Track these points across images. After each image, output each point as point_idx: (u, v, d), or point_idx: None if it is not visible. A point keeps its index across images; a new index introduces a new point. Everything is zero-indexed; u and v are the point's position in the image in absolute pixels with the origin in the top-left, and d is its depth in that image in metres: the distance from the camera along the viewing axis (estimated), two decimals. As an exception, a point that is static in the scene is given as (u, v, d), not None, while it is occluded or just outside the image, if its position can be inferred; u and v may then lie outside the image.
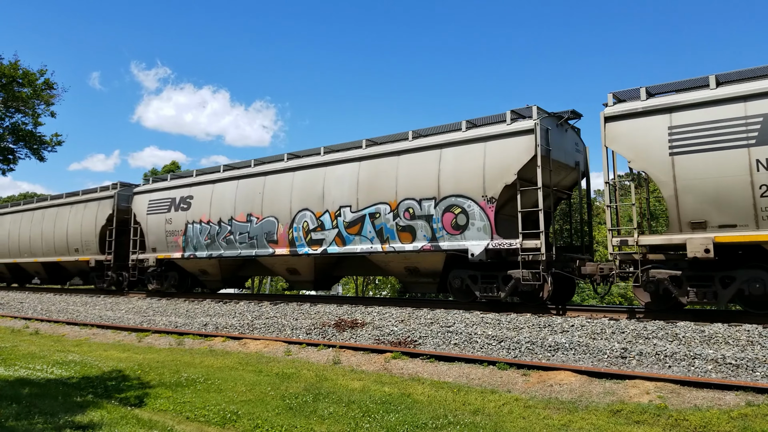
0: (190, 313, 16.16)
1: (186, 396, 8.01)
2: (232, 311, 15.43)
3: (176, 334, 14.08)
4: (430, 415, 6.84)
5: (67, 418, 6.66)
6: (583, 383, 7.93)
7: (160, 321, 15.81)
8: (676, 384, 7.49)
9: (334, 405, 7.37)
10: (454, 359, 9.63)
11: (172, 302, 18.02)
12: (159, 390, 8.39)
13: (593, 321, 10.31)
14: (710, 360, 8.15)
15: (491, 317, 11.41)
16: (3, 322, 18.79)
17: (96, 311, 18.56)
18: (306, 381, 8.85)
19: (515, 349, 9.80)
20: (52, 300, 21.93)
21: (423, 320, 11.94)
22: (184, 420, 6.99)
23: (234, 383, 8.74)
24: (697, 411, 6.52)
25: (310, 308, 14.37)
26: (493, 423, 6.52)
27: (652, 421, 6.36)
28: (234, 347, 12.22)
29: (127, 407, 7.38)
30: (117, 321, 16.76)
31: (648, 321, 10.02)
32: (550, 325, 10.48)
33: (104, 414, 6.92)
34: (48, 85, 9.20)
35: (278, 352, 11.45)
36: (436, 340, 10.81)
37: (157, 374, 9.55)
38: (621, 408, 6.79)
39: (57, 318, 18.36)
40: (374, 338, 11.51)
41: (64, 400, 7.74)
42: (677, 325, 9.56)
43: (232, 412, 7.11)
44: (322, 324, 12.76)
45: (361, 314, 13.05)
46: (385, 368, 9.66)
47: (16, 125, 9.20)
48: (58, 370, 10.06)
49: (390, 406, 7.26)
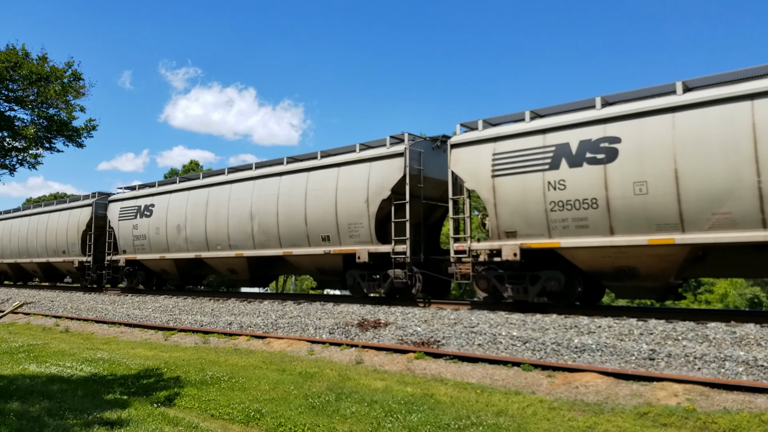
0: (215, 312, 16.36)
1: (211, 394, 8.11)
2: (256, 310, 15.58)
3: (201, 332, 14.27)
4: (452, 415, 6.81)
5: (96, 415, 6.80)
6: (609, 385, 7.81)
7: (186, 320, 16.04)
8: (706, 386, 7.33)
9: (356, 404, 7.39)
10: (477, 360, 9.57)
11: (197, 301, 18.27)
12: (185, 388, 8.51)
13: (621, 322, 10.15)
14: (741, 362, 7.96)
15: (516, 318, 11.32)
16: (35, 320, 19.28)
17: (123, 310, 18.91)
18: (329, 380, 8.88)
19: (540, 350, 9.70)
20: (82, 299, 22.41)
21: (446, 320, 11.89)
22: (209, 418, 7.07)
23: (258, 382, 8.82)
24: (726, 414, 6.38)
25: (333, 308, 14.43)
26: (516, 424, 6.46)
27: (680, 424, 6.24)
28: (258, 346, 12.33)
29: (153, 405, 7.50)
30: (144, 319, 17.05)
31: (677, 322, 9.83)
32: (576, 326, 10.35)
33: (132, 411, 7.04)
34: (76, 76, 9.36)
35: (301, 351, 11.52)
36: (459, 340, 10.76)
37: (183, 372, 9.68)
38: (648, 410, 6.67)
39: (86, 316, 18.76)
40: (397, 338, 11.50)
41: (94, 397, 7.90)
42: (708, 326, 9.36)
43: (256, 410, 7.17)
44: (345, 323, 12.80)
45: (384, 314, 13.06)
46: (408, 368, 9.65)
47: (51, 117, 9.38)
48: (88, 368, 10.28)
49: (412, 406, 7.24)
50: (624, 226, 10.68)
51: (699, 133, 9.90)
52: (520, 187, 11.97)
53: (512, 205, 12.10)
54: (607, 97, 11.49)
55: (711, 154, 9.74)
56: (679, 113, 10.20)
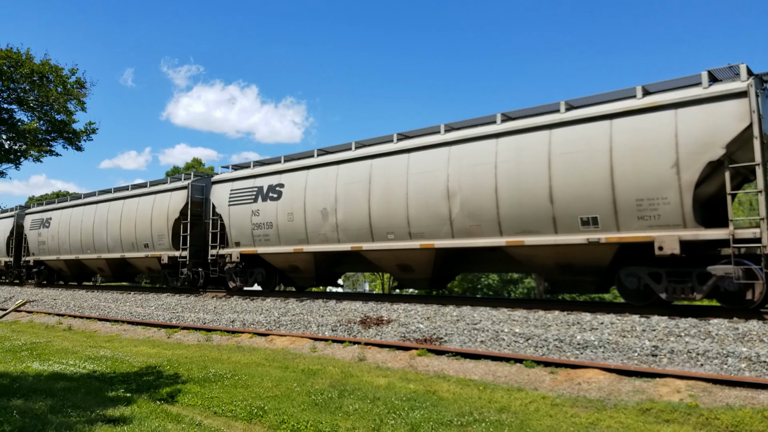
0: (218, 309, 16.38)
1: (214, 391, 8.13)
2: (258, 308, 15.60)
3: (204, 330, 14.29)
4: (455, 412, 6.82)
5: (99, 412, 6.81)
6: (612, 381, 7.81)
7: (189, 317, 16.07)
8: (708, 382, 7.33)
9: (359, 401, 7.39)
10: (480, 357, 9.57)
11: (200, 299, 18.29)
12: (187, 385, 8.53)
13: (623, 318, 10.14)
14: (744, 358, 7.95)
15: (518, 314, 11.31)
16: (38, 319, 19.32)
17: (126, 308, 18.95)
18: (331, 377, 8.90)
19: (543, 347, 9.70)
20: (84, 297, 22.46)
21: (449, 317, 11.89)
22: (212, 415, 7.09)
23: (260, 379, 8.84)
24: (729, 410, 6.37)
25: (335, 305, 14.43)
26: (519, 421, 6.47)
27: (683, 420, 6.24)
28: (261, 343, 12.35)
29: (156, 402, 7.51)
30: (147, 317, 17.09)
31: (680, 318, 9.82)
32: (578, 322, 10.34)
33: (135, 408, 7.06)
34: (80, 84, 9.39)
35: (304, 348, 11.53)
36: (462, 337, 10.76)
37: (186, 370, 9.70)
38: (650, 406, 6.67)
39: (89, 314, 18.79)
40: (400, 335, 11.51)
41: (97, 395, 7.92)
42: (710, 322, 9.34)
43: (259, 407, 7.19)
44: (348, 321, 12.81)
45: (387, 311, 13.06)
46: (411, 365, 9.66)
47: (52, 118, 9.41)
48: (91, 365, 10.30)
49: (415, 403, 7.25)
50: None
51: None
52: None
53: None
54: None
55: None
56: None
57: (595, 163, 10.80)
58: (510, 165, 11.96)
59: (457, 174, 12.77)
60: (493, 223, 12.25)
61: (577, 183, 11.00)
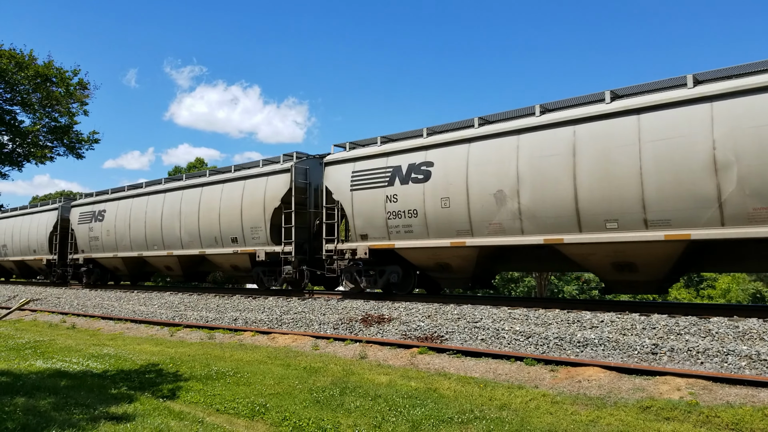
0: (221, 308, 16.44)
1: (216, 389, 8.17)
2: (261, 306, 15.65)
3: (207, 328, 14.35)
4: (456, 409, 6.85)
5: (102, 410, 6.86)
6: (612, 379, 7.83)
7: (192, 316, 16.13)
8: (709, 380, 7.35)
9: (360, 399, 7.43)
10: (480, 355, 9.60)
11: (203, 297, 18.36)
12: (190, 383, 8.58)
13: (623, 316, 10.16)
14: (744, 356, 7.97)
15: (519, 313, 11.34)
16: (42, 317, 19.41)
17: (130, 306, 19.02)
18: (333, 375, 8.94)
19: (543, 345, 9.73)
20: (88, 295, 22.54)
21: (450, 316, 11.93)
22: (214, 412, 7.13)
23: (263, 377, 8.88)
24: (729, 408, 6.39)
25: (337, 303, 14.48)
26: (519, 418, 6.50)
27: (683, 418, 6.26)
28: (263, 341, 12.40)
29: (159, 399, 7.56)
30: (150, 316, 17.15)
31: (680, 317, 9.84)
32: (579, 320, 10.37)
33: (138, 406, 7.10)
34: (82, 85, 9.42)
35: (306, 346, 11.58)
36: (462, 335, 10.80)
37: (189, 367, 9.75)
38: (651, 404, 6.69)
39: (93, 313, 18.88)
40: (401, 333, 11.55)
41: (100, 393, 7.97)
42: (710, 321, 9.37)
43: (261, 404, 7.23)
44: (349, 319, 12.86)
45: (388, 310, 13.10)
46: (412, 363, 9.69)
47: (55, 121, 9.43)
48: (94, 363, 10.36)
49: (416, 400, 7.29)
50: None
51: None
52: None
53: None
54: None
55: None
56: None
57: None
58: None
59: (729, 139, 9.49)
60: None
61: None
